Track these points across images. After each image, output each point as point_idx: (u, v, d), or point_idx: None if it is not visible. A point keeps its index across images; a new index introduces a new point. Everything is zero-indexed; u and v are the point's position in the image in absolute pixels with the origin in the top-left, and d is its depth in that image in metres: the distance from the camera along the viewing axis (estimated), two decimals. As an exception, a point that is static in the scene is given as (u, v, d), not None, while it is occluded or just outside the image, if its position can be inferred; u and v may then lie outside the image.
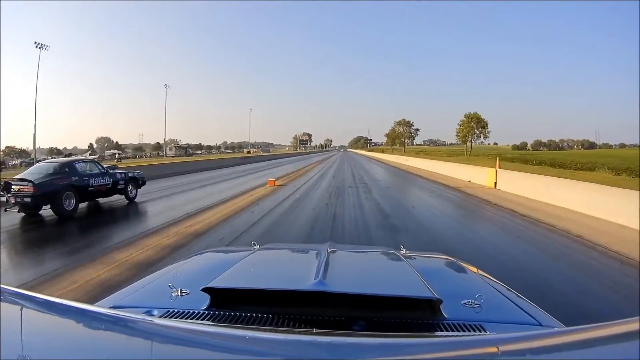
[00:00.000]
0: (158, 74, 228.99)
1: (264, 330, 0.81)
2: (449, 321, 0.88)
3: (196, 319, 0.88)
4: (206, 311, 0.91)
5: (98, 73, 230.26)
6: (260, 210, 8.59)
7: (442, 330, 0.85)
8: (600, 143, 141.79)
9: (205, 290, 0.92)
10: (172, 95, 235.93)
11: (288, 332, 0.81)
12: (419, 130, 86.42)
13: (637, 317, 0.55)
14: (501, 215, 8.27)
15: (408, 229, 6.83)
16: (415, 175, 20.00)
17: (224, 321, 0.87)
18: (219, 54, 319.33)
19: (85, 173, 8.83)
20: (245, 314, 0.89)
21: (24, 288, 2.38)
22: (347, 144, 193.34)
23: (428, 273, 1.13)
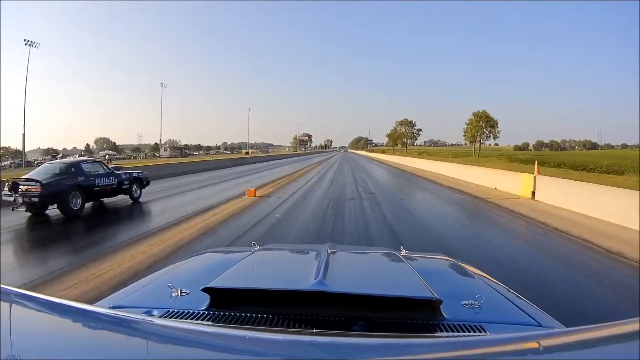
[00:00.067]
0: (158, 74, 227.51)
1: (263, 330, 0.81)
2: (448, 322, 0.89)
3: (196, 319, 0.89)
4: (206, 311, 0.91)
5: (98, 73, 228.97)
6: (205, 248, 5.60)
7: (442, 331, 0.86)
8: (602, 144, 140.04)
9: (205, 290, 0.93)
10: (172, 95, 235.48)
11: (288, 333, 0.81)
12: (421, 130, 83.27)
13: (637, 318, 0.55)
14: (599, 260, 4.97)
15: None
16: (428, 181, 16.89)
17: (224, 321, 0.87)
18: (218, 54, 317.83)
19: (91, 173, 8.86)
20: (245, 314, 0.89)
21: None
22: (348, 145, 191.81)
23: (428, 273, 1.13)
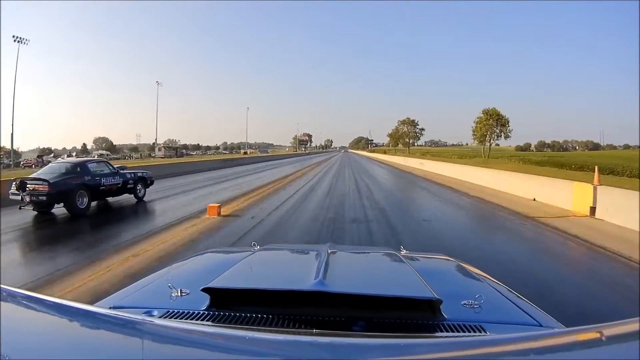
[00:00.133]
0: (158, 74, 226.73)
1: (263, 330, 0.82)
2: (449, 322, 0.89)
3: (196, 320, 0.89)
4: (206, 311, 0.91)
5: (98, 73, 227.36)
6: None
7: (442, 331, 0.86)
8: (604, 144, 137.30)
9: (205, 290, 0.93)
10: (173, 95, 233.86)
11: (288, 333, 0.81)
12: (424, 130, 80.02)
13: (637, 318, 0.55)
14: None
15: None
16: (446, 188, 14.09)
17: (224, 321, 0.87)
18: (218, 53, 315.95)
19: (97, 173, 9.06)
20: (245, 314, 0.89)
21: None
22: (348, 145, 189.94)
23: (428, 273, 1.13)
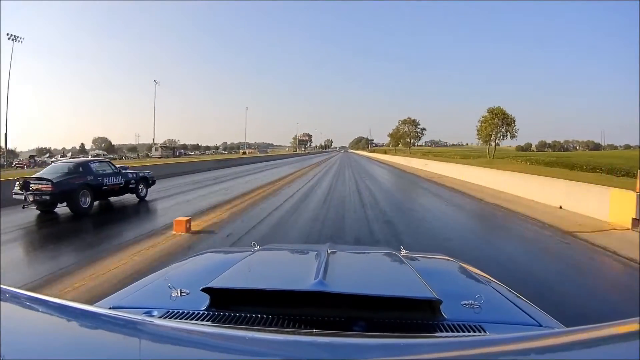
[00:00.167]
0: (158, 74, 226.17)
1: (263, 330, 0.82)
2: (448, 322, 0.89)
3: (196, 320, 0.89)
4: (206, 311, 0.91)
5: (98, 73, 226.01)
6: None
7: (442, 331, 0.86)
8: (605, 144, 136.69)
9: (205, 290, 0.93)
10: (173, 95, 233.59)
11: (288, 333, 0.81)
12: (425, 129, 78.54)
13: (637, 317, 0.55)
14: None
15: None
16: (457, 192, 12.70)
17: (224, 321, 0.88)
18: (218, 54, 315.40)
19: (99, 173, 9.17)
20: (245, 314, 0.89)
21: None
22: (348, 145, 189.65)
23: (428, 273, 1.13)
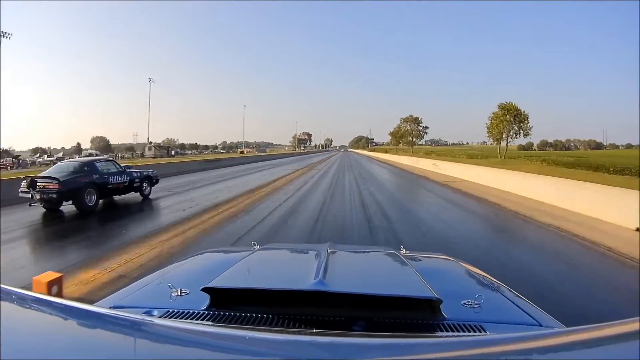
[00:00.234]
0: (158, 73, 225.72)
1: (263, 330, 0.81)
2: (449, 321, 0.88)
3: (196, 319, 0.88)
4: (206, 311, 0.91)
5: (98, 73, 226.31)
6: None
7: (442, 331, 0.86)
8: (607, 143, 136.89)
9: (205, 290, 0.92)
10: (173, 95, 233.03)
11: (288, 332, 0.81)
12: (427, 127, 76.46)
13: (637, 317, 0.54)
14: None
15: None
16: (489, 204, 9.79)
17: (224, 321, 0.87)
18: (218, 53, 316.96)
19: (104, 171, 9.23)
20: (245, 314, 0.89)
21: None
22: (348, 144, 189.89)
23: (428, 273, 1.12)
